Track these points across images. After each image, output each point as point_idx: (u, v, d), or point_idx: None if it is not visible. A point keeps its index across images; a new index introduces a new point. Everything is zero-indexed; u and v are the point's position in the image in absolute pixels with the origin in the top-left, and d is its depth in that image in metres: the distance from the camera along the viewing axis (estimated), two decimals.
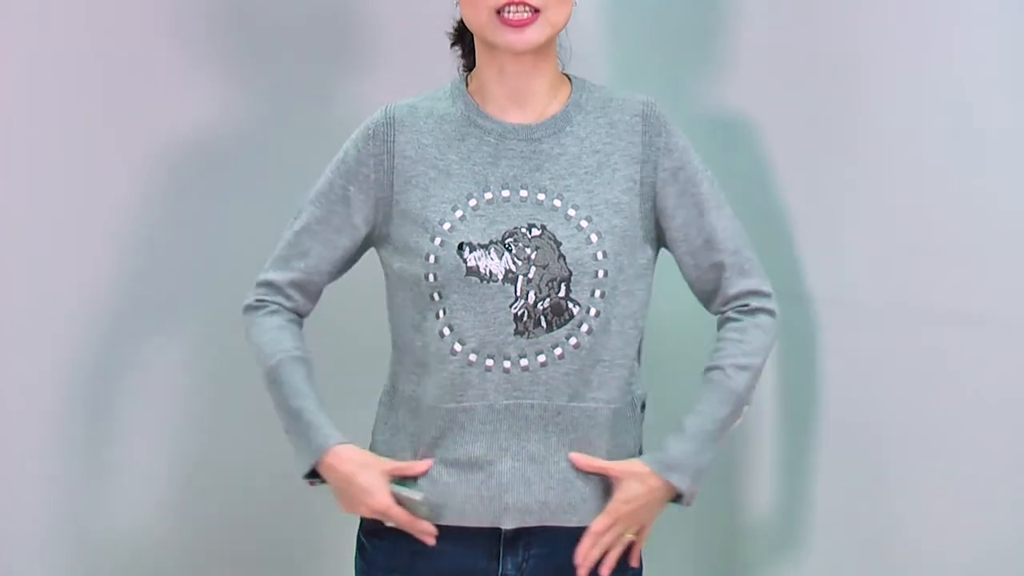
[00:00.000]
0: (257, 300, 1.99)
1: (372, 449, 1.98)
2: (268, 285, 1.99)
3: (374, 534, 1.95)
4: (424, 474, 1.90)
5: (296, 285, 1.98)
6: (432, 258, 1.88)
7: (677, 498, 1.92)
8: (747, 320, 1.95)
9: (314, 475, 1.94)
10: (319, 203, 1.96)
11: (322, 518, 2.44)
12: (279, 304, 1.98)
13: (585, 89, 1.97)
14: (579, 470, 1.89)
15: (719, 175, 1.97)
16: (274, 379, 1.95)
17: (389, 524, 1.89)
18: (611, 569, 1.90)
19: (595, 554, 1.90)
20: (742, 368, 1.92)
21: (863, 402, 2.14)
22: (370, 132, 1.94)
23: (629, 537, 1.91)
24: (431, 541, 1.89)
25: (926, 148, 2.01)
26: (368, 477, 1.89)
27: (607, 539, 1.90)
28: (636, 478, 1.89)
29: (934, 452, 2.05)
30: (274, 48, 2.49)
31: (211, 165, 2.49)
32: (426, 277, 1.89)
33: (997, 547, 1.99)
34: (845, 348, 2.15)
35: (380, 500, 1.88)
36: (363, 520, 1.97)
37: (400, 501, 1.88)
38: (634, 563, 1.94)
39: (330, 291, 2.03)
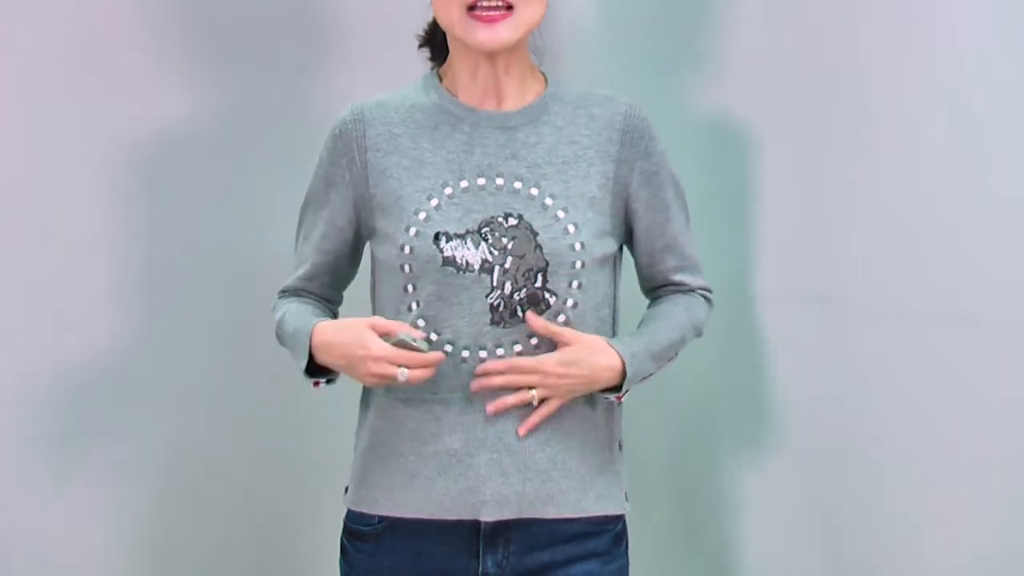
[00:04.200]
0: (276, 301, 2.02)
1: (354, 449, 1.96)
2: (283, 291, 2.02)
3: (356, 537, 1.93)
4: (418, 337, 1.83)
5: (305, 290, 2.00)
6: (408, 248, 1.86)
7: (608, 390, 1.89)
8: (691, 296, 2.00)
9: (321, 373, 1.91)
10: (307, 211, 1.98)
11: (306, 522, 2.45)
12: (296, 297, 2.00)
13: (562, 84, 1.96)
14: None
15: (714, 177, 1.97)
16: (279, 327, 1.96)
17: (402, 379, 1.81)
18: (497, 409, 1.85)
19: (497, 381, 1.84)
20: (691, 316, 1.97)
21: (863, 402, 2.15)
22: (338, 132, 1.93)
23: (534, 395, 1.85)
24: (437, 359, 1.82)
25: (925, 149, 2.02)
26: (355, 333, 1.84)
27: (518, 379, 1.84)
28: (586, 348, 1.86)
29: (934, 453, 2.07)
30: (245, 46, 2.47)
31: (182, 163, 2.46)
32: (402, 268, 1.87)
33: (996, 547, 2.01)
34: (844, 349, 2.16)
35: (375, 347, 1.81)
36: (345, 523, 1.95)
37: (401, 348, 1.83)
38: (522, 432, 1.86)
39: None
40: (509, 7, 1.83)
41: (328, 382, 1.94)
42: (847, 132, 2.12)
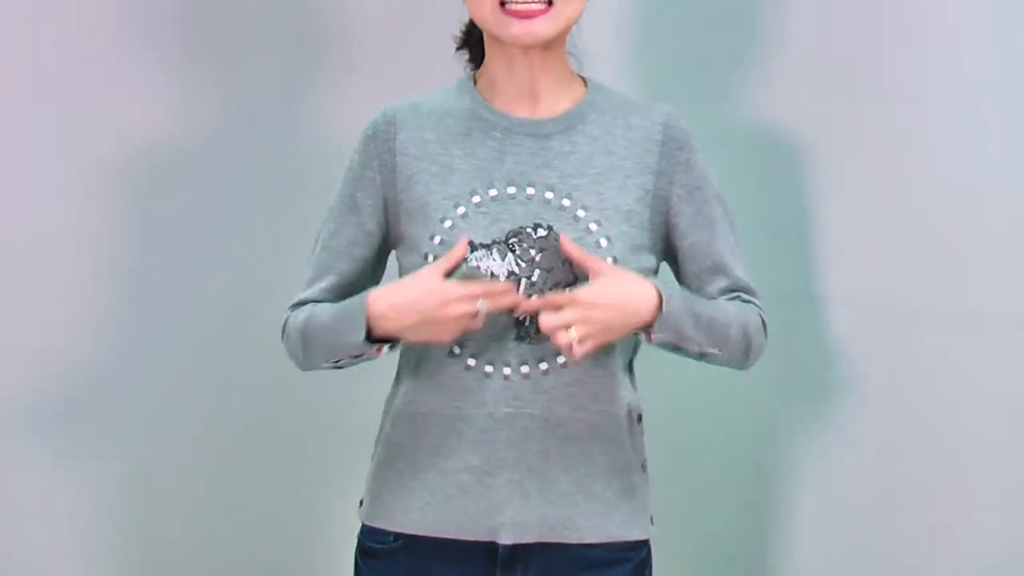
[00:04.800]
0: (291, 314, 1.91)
1: (372, 459, 1.90)
2: (298, 304, 1.89)
3: (370, 555, 1.87)
4: (465, 252, 1.74)
5: (326, 302, 1.88)
6: (431, 257, 1.79)
7: (644, 329, 1.76)
8: (746, 304, 1.87)
9: (381, 341, 1.78)
10: (333, 218, 1.88)
11: (319, 538, 2.43)
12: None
13: (602, 91, 1.87)
14: (566, 258, 1.75)
15: (728, 179, 1.92)
16: (307, 328, 1.83)
17: (484, 312, 1.71)
18: (524, 308, 1.74)
19: (534, 304, 1.73)
20: (742, 313, 1.84)
21: (873, 403, 2.15)
22: (370, 133, 1.86)
23: (572, 335, 1.70)
24: (508, 285, 1.74)
25: (925, 148, 2.05)
26: (418, 286, 1.73)
27: (553, 319, 1.70)
28: (620, 277, 1.75)
29: (935, 452, 2.08)
30: (241, 51, 2.45)
31: (174, 167, 2.44)
32: None
33: (997, 548, 2.02)
34: (844, 349, 2.17)
35: (452, 289, 1.71)
36: (360, 540, 1.89)
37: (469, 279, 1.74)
38: (578, 355, 1.72)
39: None
40: (549, 2, 1.76)
41: (391, 347, 1.81)
42: (849, 133, 2.13)
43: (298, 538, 2.49)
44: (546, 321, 1.71)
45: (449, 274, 1.74)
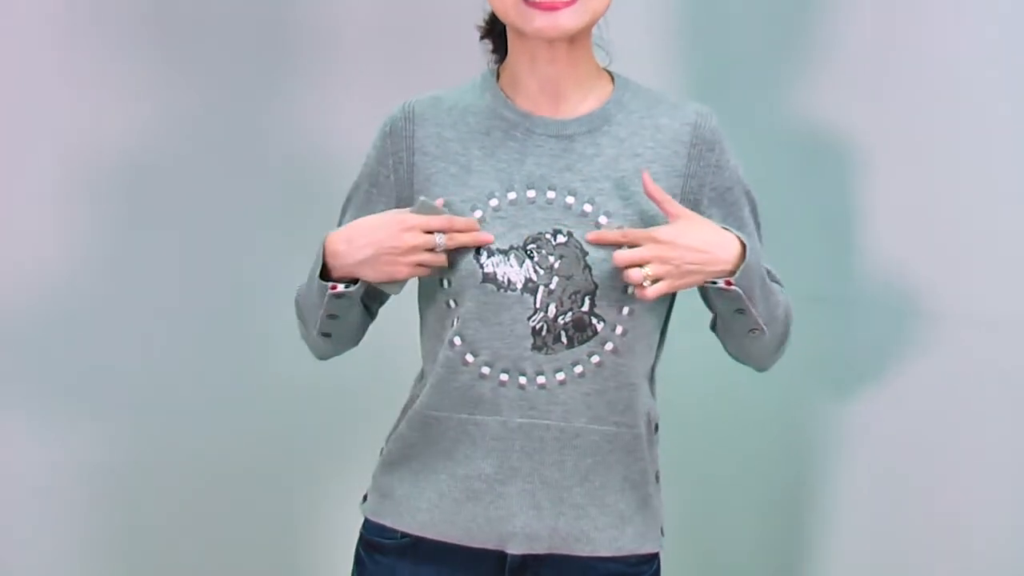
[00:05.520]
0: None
1: (381, 455, 1.85)
2: None
3: (376, 549, 1.82)
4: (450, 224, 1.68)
5: None
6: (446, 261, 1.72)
7: (718, 279, 1.69)
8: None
9: (340, 281, 1.73)
10: (348, 210, 1.83)
11: (320, 532, 2.41)
12: None
13: (629, 88, 1.79)
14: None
15: (761, 176, 1.88)
16: (297, 300, 1.83)
17: (441, 247, 1.68)
18: (598, 239, 1.68)
19: (612, 236, 1.67)
20: (787, 299, 1.81)
21: (884, 403, 2.17)
22: (387, 129, 1.79)
23: (647, 272, 1.64)
24: (470, 221, 1.69)
25: (932, 150, 2.07)
26: (375, 220, 1.70)
27: (630, 255, 1.64)
28: (698, 221, 1.68)
29: (936, 453, 2.10)
30: (217, 53, 2.41)
31: (150, 169, 2.42)
32: (441, 283, 1.74)
33: (1006, 547, 2.05)
34: (844, 348, 2.19)
35: (408, 219, 1.68)
36: (362, 534, 1.84)
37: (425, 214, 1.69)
38: (649, 295, 1.65)
39: None
40: None
41: (347, 286, 1.74)
42: (853, 135, 2.15)
43: (296, 533, 2.48)
44: (621, 256, 1.65)
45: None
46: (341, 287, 1.73)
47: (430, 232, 1.68)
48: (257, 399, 2.43)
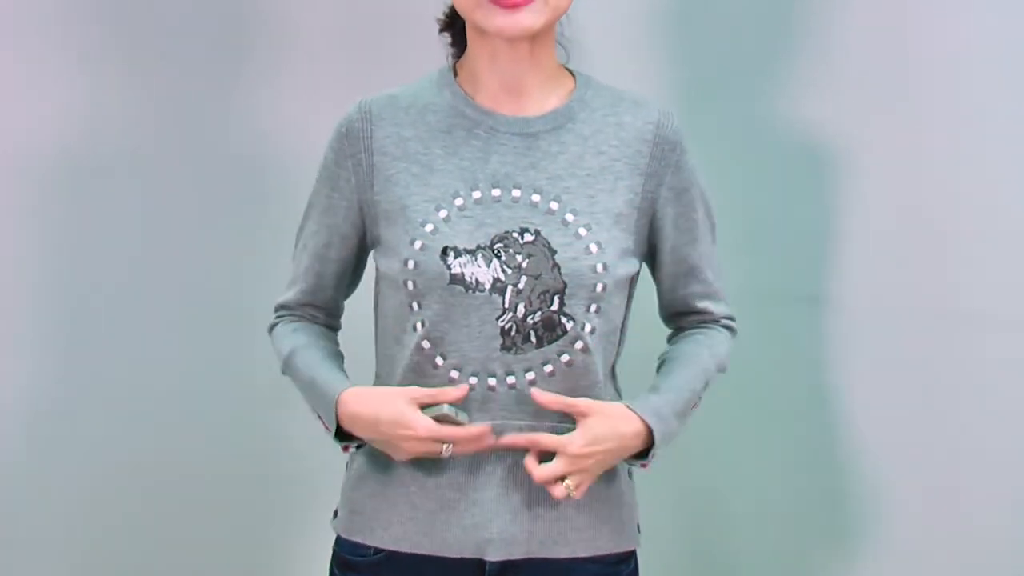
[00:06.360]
0: (275, 319, 1.86)
1: (347, 469, 1.82)
2: (282, 307, 1.87)
3: (350, 568, 1.79)
4: (459, 400, 1.68)
5: (307, 305, 1.84)
6: (412, 263, 1.70)
7: (638, 456, 1.73)
8: (714, 329, 1.85)
9: (351, 438, 1.75)
10: (310, 216, 1.81)
11: (295, 549, 2.39)
12: (296, 318, 1.84)
13: (591, 85, 1.77)
14: (540, 406, 1.68)
15: (722, 179, 1.89)
16: (289, 366, 1.80)
17: (446, 455, 1.68)
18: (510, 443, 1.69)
19: (521, 442, 1.69)
20: (714, 356, 1.82)
21: (880, 403, 2.16)
22: (343, 131, 1.75)
23: (569, 485, 1.68)
24: (492, 440, 1.69)
25: (928, 151, 2.07)
26: (394, 410, 1.68)
27: (546, 474, 1.67)
28: (608, 418, 1.70)
29: (936, 452, 2.09)
30: (165, 48, 2.37)
31: (102, 166, 2.38)
32: (406, 284, 1.71)
33: (1002, 547, 2.06)
34: (844, 349, 2.18)
35: (420, 427, 1.66)
36: (336, 552, 1.81)
37: (440, 422, 1.68)
38: (576, 497, 1.70)
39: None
40: None
41: (358, 447, 1.78)
42: (866, 136, 2.15)
43: (276, 544, 2.46)
44: (540, 474, 1.67)
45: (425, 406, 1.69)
46: (353, 448, 1.78)
47: (439, 440, 1.68)
48: (239, 402, 2.42)
